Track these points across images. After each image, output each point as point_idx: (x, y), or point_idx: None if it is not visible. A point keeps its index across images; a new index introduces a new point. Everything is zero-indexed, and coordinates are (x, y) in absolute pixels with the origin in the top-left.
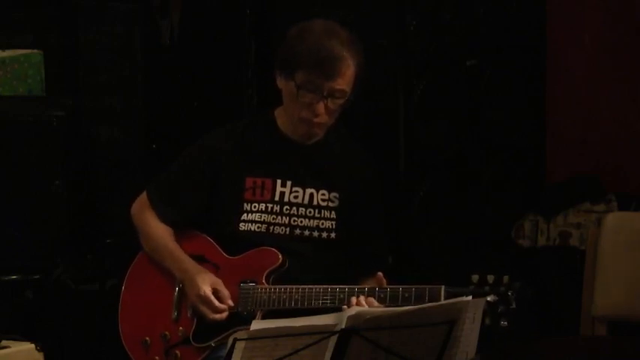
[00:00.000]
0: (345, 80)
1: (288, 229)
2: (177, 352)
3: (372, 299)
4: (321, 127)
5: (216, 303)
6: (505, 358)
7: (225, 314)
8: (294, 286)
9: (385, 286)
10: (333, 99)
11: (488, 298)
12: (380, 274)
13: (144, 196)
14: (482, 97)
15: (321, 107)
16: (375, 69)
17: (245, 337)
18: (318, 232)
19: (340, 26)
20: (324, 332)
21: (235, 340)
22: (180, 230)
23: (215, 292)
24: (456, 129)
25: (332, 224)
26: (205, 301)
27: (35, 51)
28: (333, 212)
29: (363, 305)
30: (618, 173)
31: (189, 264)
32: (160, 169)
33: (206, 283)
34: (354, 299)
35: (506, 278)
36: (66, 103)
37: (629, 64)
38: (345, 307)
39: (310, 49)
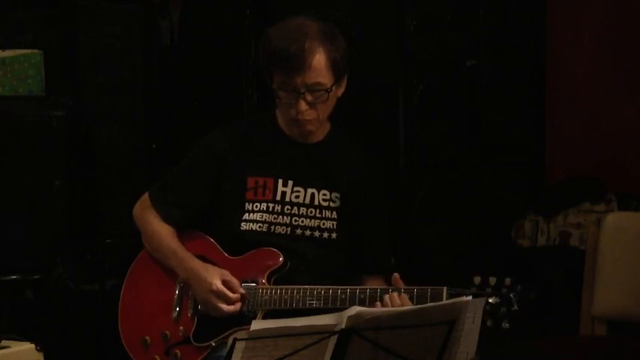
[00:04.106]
0: (316, 72)
1: (289, 229)
2: (178, 351)
3: (405, 296)
4: (313, 124)
5: (230, 294)
6: (505, 359)
7: (238, 305)
8: (295, 287)
9: (390, 286)
10: (312, 92)
11: (490, 300)
12: (396, 275)
13: (145, 197)
14: (482, 97)
15: (302, 104)
16: (375, 69)
17: (245, 337)
18: (319, 232)
19: (312, 20)
20: (324, 332)
21: (235, 340)
22: (182, 230)
23: (225, 282)
24: (456, 129)
25: (333, 224)
26: (219, 294)
27: (35, 51)
28: (334, 212)
29: (396, 302)
30: (618, 173)
31: (194, 262)
32: (160, 169)
33: (215, 277)
34: (387, 297)
35: (508, 280)
36: (66, 103)
37: (629, 64)
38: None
39: (276, 50)
